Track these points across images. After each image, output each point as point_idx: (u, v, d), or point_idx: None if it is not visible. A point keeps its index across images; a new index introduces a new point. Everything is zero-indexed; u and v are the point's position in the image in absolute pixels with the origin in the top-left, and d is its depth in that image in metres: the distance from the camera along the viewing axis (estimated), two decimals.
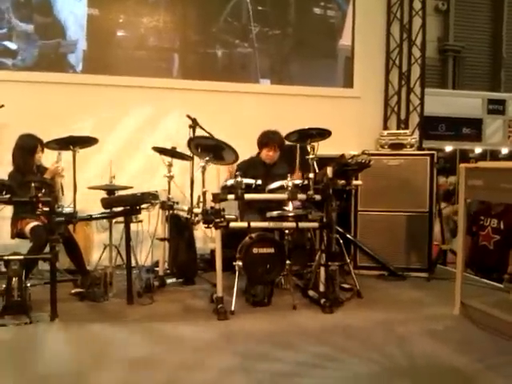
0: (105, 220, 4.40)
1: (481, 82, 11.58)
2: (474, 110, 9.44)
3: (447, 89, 11.02)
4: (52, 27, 5.38)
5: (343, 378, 2.83)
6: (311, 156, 4.09)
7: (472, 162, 8.20)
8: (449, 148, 9.72)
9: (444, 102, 9.08)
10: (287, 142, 4.60)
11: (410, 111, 6.28)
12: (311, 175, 4.07)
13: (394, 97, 6.31)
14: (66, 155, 4.23)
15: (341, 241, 4.37)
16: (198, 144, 4.11)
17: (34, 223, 4.16)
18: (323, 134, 4.19)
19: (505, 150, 9.88)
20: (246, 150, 4.88)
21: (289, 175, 4.10)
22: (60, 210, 4.08)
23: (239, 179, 3.99)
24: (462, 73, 11.56)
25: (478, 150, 9.92)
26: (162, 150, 4.57)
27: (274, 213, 4.15)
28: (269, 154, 4.76)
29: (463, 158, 9.51)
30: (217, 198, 3.91)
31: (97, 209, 4.25)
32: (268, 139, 4.76)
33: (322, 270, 4.02)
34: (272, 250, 4.03)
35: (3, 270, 3.86)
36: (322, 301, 3.92)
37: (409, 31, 6.25)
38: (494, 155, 9.88)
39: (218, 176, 4.79)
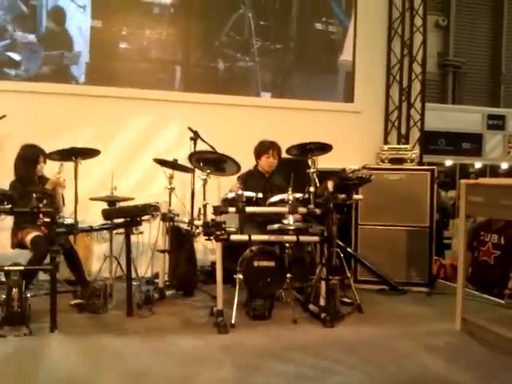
0: (105, 231, 4.40)
1: (480, 97, 11.67)
2: (473, 124, 9.50)
3: (447, 103, 11.11)
4: (55, 39, 5.43)
5: None
6: (312, 170, 4.10)
7: (472, 178, 8.24)
8: (449, 162, 9.76)
9: (444, 117, 9.13)
10: (287, 156, 4.61)
11: (410, 126, 6.32)
12: (312, 189, 4.08)
13: (395, 112, 6.35)
14: (68, 166, 4.24)
15: (341, 255, 4.38)
16: (199, 158, 4.13)
17: (34, 233, 4.16)
18: (324, 148, 4.20)
19: (505, 165, 9.92)
20: (247, 162, 4.89)
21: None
22: (61, 220, 4.08)
23: (240, 192, 3.99)
24: (462, 88, 11.66)
25: (477, 164, 9.96)
26: (163, 162, 4.58)
27: (275, 226, 4.15)
28: (269, 161, 4.79)
29: (463, 173, 9.57)
30: (218, 210, 3.91)
31: (98, 219, 4.25)
32: (267, 145, 4.81)
33: (323, 284, 4.01)
34: (273, 264, 4.03)
35: (3, 280, 3.85)
36: (323, 315, 3.90)
37: (410, 47, 6.32)
38: (493, 170, 9.92)
39: (218, 188, 4.80)
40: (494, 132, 9.64)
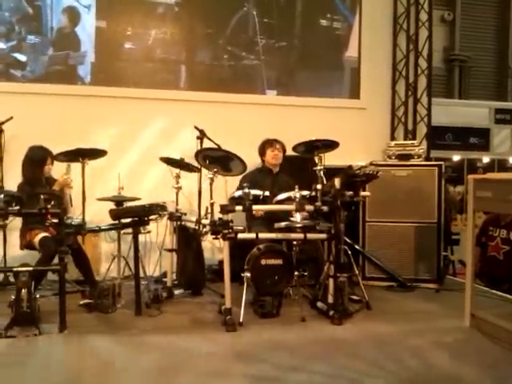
0: (113, 231, 4.42)
1: (487, 91, 11.56)
2: (481, 119, 9.43)
3: (453, 98, 11.02)
4: (61, 39, 5.44)
5: None
6: (319, 167, 4.09)
7: (479, 173, 8.19)
8: (456, 157, 9.71)
9: (451, 112, 9.08)
10: (293, 153, 4.60)
11: (417, 122, 6.30)
12: (319, 186, 4.07)
13: (401, 107, 6.32)
14: (76, 167, 4.25)
15: (349, 252, 4.36)
16: (205, 156, 4.13)
17: (42, 234, 4.19)
18: (331, 145, 4.20)
19: None
20: (253, 160, 4.90)
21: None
22: (69, 221, 4.09)
23: (247, 190, 3.99)
24: (469, 82, 11.55)
25: (485, 159, 9.90)
26: (169, 161, 4.59)
27: (282, 224, 4.15)
28: (274, 154, 4.83)
29: (471, 168, 9.50)
30: (225, 209, 3.92)
31: (106, 220, 4.26)
32: (269, 140, 4.87)
33: (331, 281, 4.00)
34: (280, 261, 4.03)
35: (12, 281, 3.87)
36: (331, 312, 3.89)
37: (415, 42, 6.29)
38: (501, 165, 9.85)
39: (225, 187, 4.80)
40: (501, 126, 9.56)
